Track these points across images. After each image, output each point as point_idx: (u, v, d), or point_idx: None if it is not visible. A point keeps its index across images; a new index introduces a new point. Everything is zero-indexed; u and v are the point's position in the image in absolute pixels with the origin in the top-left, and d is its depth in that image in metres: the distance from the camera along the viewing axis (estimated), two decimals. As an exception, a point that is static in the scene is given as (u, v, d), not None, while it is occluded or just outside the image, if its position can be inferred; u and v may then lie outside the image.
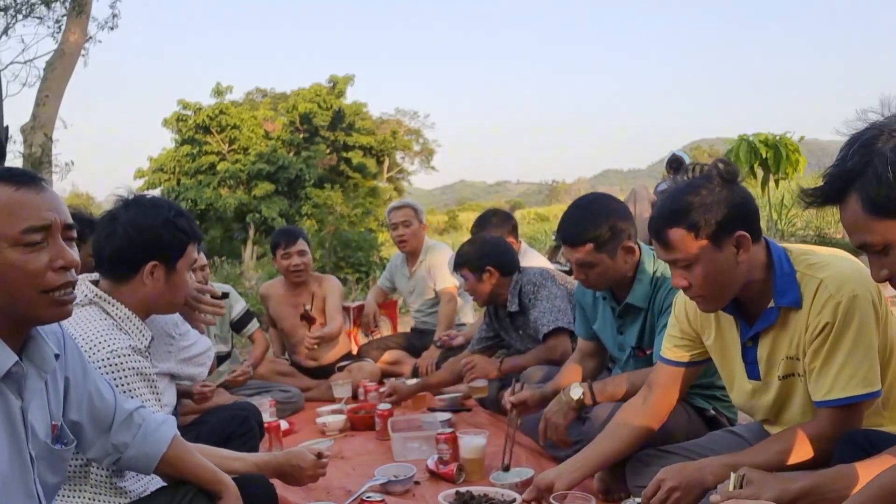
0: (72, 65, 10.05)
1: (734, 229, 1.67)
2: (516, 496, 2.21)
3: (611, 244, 2.30)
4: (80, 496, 1.66)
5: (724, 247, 1.67)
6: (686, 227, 1.67)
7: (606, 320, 2.54)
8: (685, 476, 1.68)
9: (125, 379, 1.71)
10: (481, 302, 3.38)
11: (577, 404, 2.27)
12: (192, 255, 1.90)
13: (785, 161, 7.33)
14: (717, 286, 1.72)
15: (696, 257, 1.68)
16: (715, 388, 2.38)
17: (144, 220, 1.82)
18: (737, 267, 1.69)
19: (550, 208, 39.96)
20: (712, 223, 1.66)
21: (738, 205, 1.68)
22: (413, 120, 37.65)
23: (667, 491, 1.66)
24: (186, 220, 1.89)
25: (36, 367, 1.28)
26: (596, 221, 2.30)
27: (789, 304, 1.69)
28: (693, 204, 1.67)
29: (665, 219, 1.72)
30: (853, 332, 1.60)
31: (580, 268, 2.34)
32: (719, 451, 1.98)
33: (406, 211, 4.49)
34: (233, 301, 3.87)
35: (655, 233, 1.75)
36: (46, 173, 9.32)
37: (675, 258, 1.72)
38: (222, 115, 22.70)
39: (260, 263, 11.34)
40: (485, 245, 3.30)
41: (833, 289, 1.62)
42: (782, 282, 1.70)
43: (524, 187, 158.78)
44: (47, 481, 1.34)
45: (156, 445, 1.58)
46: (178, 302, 1.92)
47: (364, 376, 4.08)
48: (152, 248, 1.81)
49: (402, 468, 2.58)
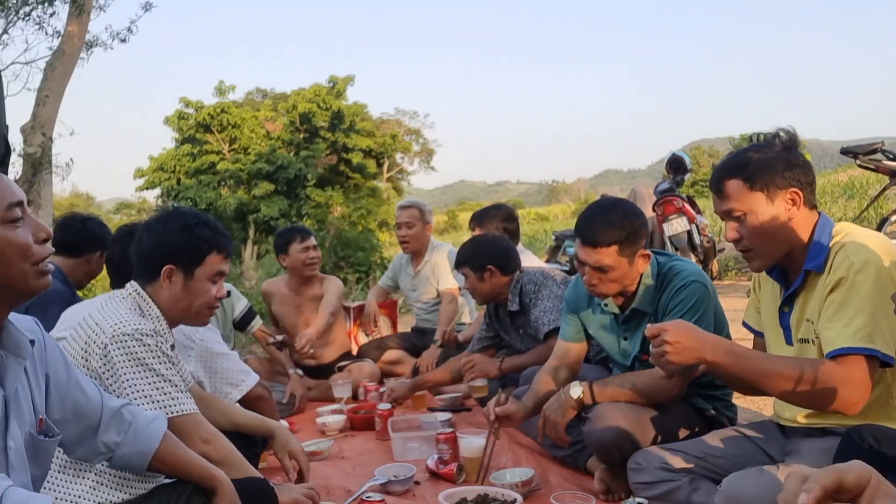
0: (72, 65, 10.04)
1: (788, 186, 1.76)
2: (516, 496, 2.21)
3: (631, 249, 2.27)
4: (82, 484, 1.67)
5: (776, 202, 1.77)
6: (742, 179, 1.78)
7: (606, 327, 2.51)
8: (687, 339, 1.70)
9: (150, 352, 1.75)
10: (481, 300, 3.38)
11: (577, 403, 2.26)
12: (214, 266, 1.90)
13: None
14: (766, 240, 1.79)
15: (751, 208, 1.77)
16: (715, 387, 2.38)
17: (165, 225, 1.90)
18: (786, 224, 1.78)
19: (550, 208, 39.98)
20: (767, 178, 1.76)
21: (794, 165, 1.77)
22: (413, 120, 37.70)
23: (661, 342, 1.71)
24: (210, 230, 1.90)
25: (13, 354, 1.28)
26: (621, 224, 2.26)
27: (814, 267, 1.77)
28: (752, 159, 1.78)
29: (725, 170, 1.82)
30: (864, 291, 1.65)
31: (595, 271, 2.29)
32: (720, 451, 1.99)
33: (411, 212, 4.44)
34: (234, 300, 3.87)
35: (714, 183, 1.85)
36: (46, 173, 9.31)
37: (729, 208, 1.81)
38: (223, 113, 22.72)
39: (260, 263, 11.34)
40: (486, 244, 3.30)
41: (851, 251, 1.70)
42: (816, 249, 1.78)
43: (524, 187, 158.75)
44: (31, 473, 1.33)
45: (147, 442, 1.57)
46: (196, 310, 1.91)
47: (364, 376, 4.08)
48: (169, 253, 1.87)
49: (402, 468, 2.58)
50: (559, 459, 2.65)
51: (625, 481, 2.15)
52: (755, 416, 2.89)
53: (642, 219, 2.33)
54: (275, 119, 24.50)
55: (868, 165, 5.93)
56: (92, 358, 1.75)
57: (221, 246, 1.92)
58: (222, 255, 1.92)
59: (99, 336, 1.76)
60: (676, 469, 1.99)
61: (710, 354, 1.70)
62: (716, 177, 1.85)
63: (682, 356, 1.70)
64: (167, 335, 1.88)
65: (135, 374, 1.74)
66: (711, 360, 1.71)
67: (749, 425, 2.11)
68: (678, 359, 1.71)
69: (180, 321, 1.93)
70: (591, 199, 33.11)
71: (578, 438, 2.41)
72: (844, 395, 1.64)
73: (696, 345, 1.70)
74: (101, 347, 1.74)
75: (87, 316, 1.83)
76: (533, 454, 2.76)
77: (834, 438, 1.66)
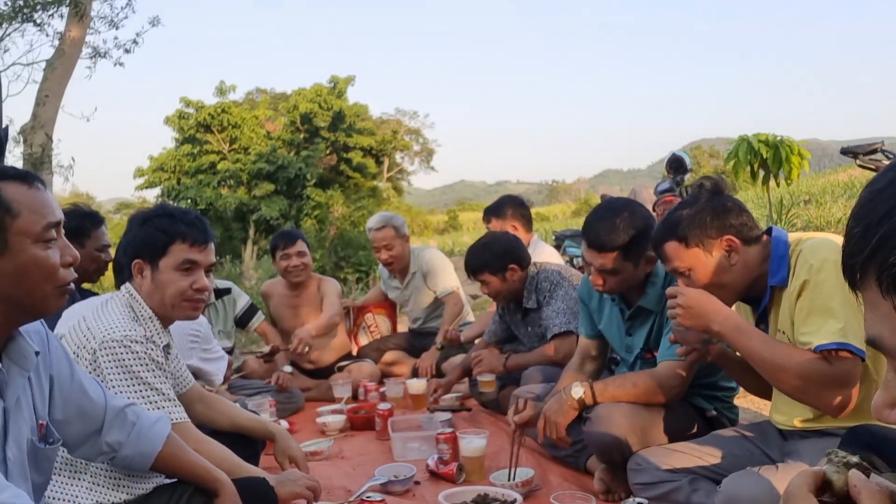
0: (72, 65, 10.04)
1: (721, 235, 1.84)
2: (517, 496, 2.21)
3: (636, 253, 2.28)
4: (78, 486, 1.66)
5: (713, 253, 1.85)
6: (677, 239, 1.87)
7: (614, 321, 2.53)
8: (700, 305, 1.78)
9: (137, 359, 1.74)
10: (504, 301, 3.33)
11: (578, 403, 2.26)
12: (179, 255, 1.86)
13: (785, 161, 7.32)
14: (716, 289, 1.84)
15: (691, 265, 1.86)
16: (717, 388, 2.38)
17: (131, 224, 1.92)
18: (731, 269, 1.85)
19: (550, 208, 39.99)
20: (698, 233, 1.85)
21: (722, 213, 1.85)
22: (413, 120, 37.67)
23: (675, 304, 1.81)
24: (169, 220, 1.88)
25: (17, 365, 1.28)
26: (626, 230, 2.26)
27: (778, 282, 1.83)
28: (682, 217, 1.87)
29: (660, 233, 1.93)
30: (827, 289, 1.69)
31: (601, 273, 2.31)
32: (720, 452, 1.99)
33: (385, 232, 4.23)
34: (235, 296, 3.90)
35: (654, 248, 1.96)
36: (47, 173, 9.32)
37: (673, 268, 1.91)
38: (224, 113, 22.72)
39: (260, 263, 11.34)
40: (498, 245, 3.24)
41: (808, 254, 1.76)
42: (775, 263, 1.84)
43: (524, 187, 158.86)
44: (33, 481, 1.33)
45: (151, 444, 1.57)
46: (171, 303, 1.87)
47: (364, 376, 4.08)
48: (134, 248, 1.89)
49: (402, 468, 2.58)
50: (559, 459, 2.65)
51: (625, 481, 2.15)
52: (755, 417, 2.89)
53: (650, 221, 2.33)
54: (275, 119, 24.50)
55: (868, 165, 5.93)
56: (81, 363, 1.73)
57: (185, 235, 1.87)
58: (187, 243, 1.87)
59: (89, 341, 1.75)
60: (676, 469, 1.99)
61: (718, 325, 1.77)
62: (654, 241, 1.96)
63: (692, 320, 1.80)
64: (160, 337, 1.86)
65: (122, 382, 1.73)
66: (718, 330, 1.78)
67: (749, 426, 2.11)
68: (687, 322, 1.80)
69: (169, 316, 1.91)
70: (591, 199, 33.12)
71: (578, 438, 2.41)
72: (828, 395, 1.67)
73: (708, 313, 1.78)
74: (90, 353, 1.73)
75: (82, 319, 1.83)
76: (533, 454, 2.76)
77: (833, 439, 1.66)
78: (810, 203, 10.88)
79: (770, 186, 7.43)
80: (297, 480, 1.92)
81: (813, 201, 11.01)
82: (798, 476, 0.76)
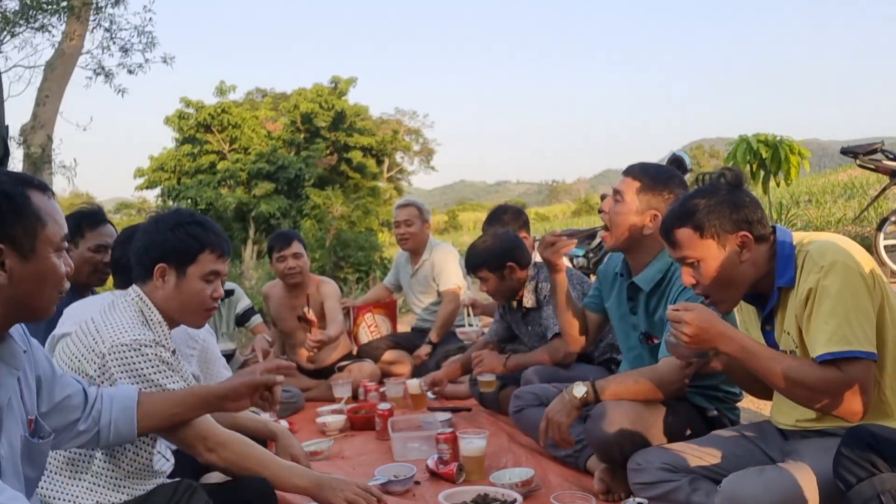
0: (72, 65, 10.04)
1: (737, 230, 1.80)
2: (517, 496, 2.21)
3: (651, 195, 2.35)
4: (79, 486, 1.67)
5: (727, 247, 1.80)
6: (692, 227, 1.82)
7: (621, 299, 2.54)
8: (705, 330, 1.73)
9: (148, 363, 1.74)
10: (503, 299, 3.34)
11: (581, 403, 2.26)
12: (207, 265, 1.87)
13: (784, 161, 7.32)
14: (722, 284, 1.83)
15: (702, 256, 1.81)
16: (718, 389, 2.38)
17: (157, 225, 1.90)
18: (740, 266, 1.81)
19: (550, 208, 39.97)
20: (716, 224, 1.80)
21: (741, 206, 1.81)
22: (413, 120, 37.66)
23: (680, 323, 1.74)
24: (202, 229, 1.88)
25: (8, 365, 1.30)
26: (659, 168, 2.42)
27: (785, 283, 1.80)
28: (699, 206, 1.82)
29: (674, 219, 1.87)
30: (834, 293, 1.67)
31: (614, 199, 2.39)
32: (720, 451, 1.99)
33: (410, 210, 4.52)
34: (238, 297, 3.96)
35: (665, 232, 1.90)
36: (47, 173, 9.32)
37: (682, 256, 1.86)
38: (224, 113, 22.69)
39: (260, 263, 11.34)
40: (499, 242, 3.26)
41: (816, 256, 1.73)
42: (782, 263, 1.81)
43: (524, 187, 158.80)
44: (26, 475, 1.35)
45: (125, 397, 1.64)
46: (190, 310, 1.88)
47: (364, 376, 4.08)
48: (161, 251, 1.86)
49: (402, 468, 2.57)
50: (559, 459, 2.65)
51: (625, 481, 2.15)
52: (755, 417, 2.88)
53: (680, 178, 2.40)
54: (275, 119, 24.49)
55: (868, 165, 5.93)
56: (88, 365, 1.73)
57: (215, 245, 1.88)
58: (216, 254, 1.88)
59: (98, 345, 1.74)
60: (676, 469, 1.99)
61: (724, 346, 1.75)
62: (665, 226, 1.90)
63: (698, 344, 1.76)
64: (168, 342, 1.86)
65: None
66: (724, 351, 1.76)
67: (749, 426, 2.11)
68: (693, 347, 1.77)
69: (178, 322, 1.91)
70: (591, 199, 33.09)
71: (579, 438, 2.41)
72: (845, 401, 1.66)
73: (713, 336, 1.75)
74: (98, 356, 1.73)
75: (90, 320, 1.82)
76: (533, 454, 2.76)
77: (834, 439, 1.66)
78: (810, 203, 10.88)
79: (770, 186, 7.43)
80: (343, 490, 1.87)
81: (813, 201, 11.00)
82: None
